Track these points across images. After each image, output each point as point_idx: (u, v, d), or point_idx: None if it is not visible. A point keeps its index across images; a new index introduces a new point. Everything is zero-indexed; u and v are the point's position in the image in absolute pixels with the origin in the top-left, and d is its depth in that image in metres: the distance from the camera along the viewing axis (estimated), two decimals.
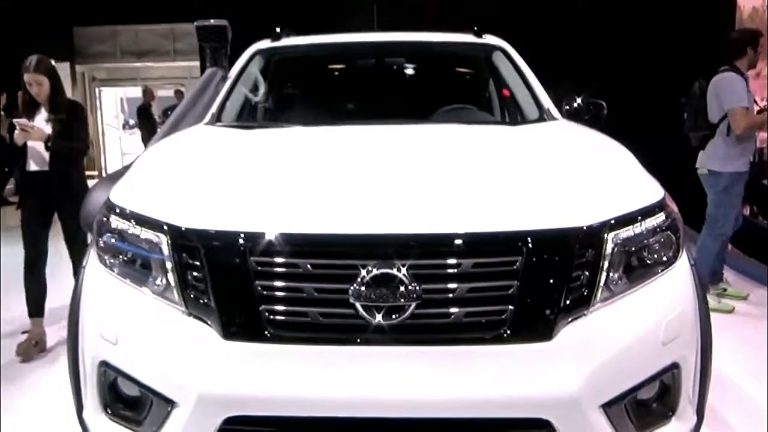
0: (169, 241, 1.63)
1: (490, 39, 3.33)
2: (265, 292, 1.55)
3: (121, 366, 1.66)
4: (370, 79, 3.29)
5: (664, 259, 1.75)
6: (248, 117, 2.97)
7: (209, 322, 1.57)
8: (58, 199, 3.57)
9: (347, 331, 1.54)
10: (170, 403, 1.57)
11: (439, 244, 1.56)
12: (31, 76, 3.44)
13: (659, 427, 1.71)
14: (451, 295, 1.55)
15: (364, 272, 1.52)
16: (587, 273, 1.60)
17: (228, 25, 3.15)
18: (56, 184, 3.53)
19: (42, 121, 3.55)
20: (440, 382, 1.50)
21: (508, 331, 1.53)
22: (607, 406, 1.57)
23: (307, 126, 2.60)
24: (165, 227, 1.65)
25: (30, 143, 3.50)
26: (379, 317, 1.51)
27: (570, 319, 1.57)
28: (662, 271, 1.74)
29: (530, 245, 1.55)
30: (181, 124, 2.78)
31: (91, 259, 1.83)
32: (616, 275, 1.66)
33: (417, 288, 1.52)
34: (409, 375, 1.51)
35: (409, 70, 3.45)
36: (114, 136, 15.25)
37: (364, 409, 1.51)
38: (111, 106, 15.78)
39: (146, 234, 1.68)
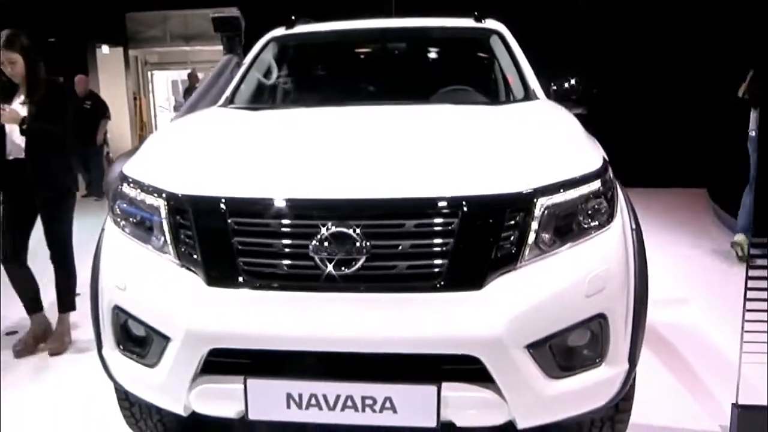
0: (166, 206, 1.96)
1: (489, 23, 3.55)
2: (241, 247, 1.87)
3: (129, 309, 2.01)
4: (375, 63, 3.57)
5: (596, 222, 1.98)
6: (261, 99, 3.28)
7: (196, 272, 1.89)
8: (36, 191, 3.31)
9: (308, 280, 1.84)
10: (166, 339, 1.91)
11: (386, 208, 1.84)
12: (3, 54, 3.17)
13: (588, 369, 1.95)
14: (395, 251, 1.82)
15: (323, 230, 1.81)
16: (517, 233, 1.85)
17: (240, 16, 3.47)
18: (33, 173, 3.26)
19: (18, 104, 3.30)
20: (385, 324, 1.78)
21: (444, 282, 1.80)
22: (531, 347, 1.82)
23: (308, 107, 2.91)
24: (163, 194, 1.98)
25: (7, 128, 3.25)
26: (331, 268, 1.81)
27: (499, 273, 1.82)
28: (594, 233, 1.96)
29: (465, 209, 1.81)
30: (199, 106, 3.12)
31: (108, 222, 2.18)
32: (546, 236, 1.90)
33: (366, 244, 1.80)
34: (359, 317, 1.80)
35: (412, 54, 3.70)
36: (166, 118, 15.96)
37: (321, 344, 1.81)
38: (163, 89, 16.47)
39: (149, 200, 2.01)
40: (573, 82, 3.36)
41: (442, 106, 2.86)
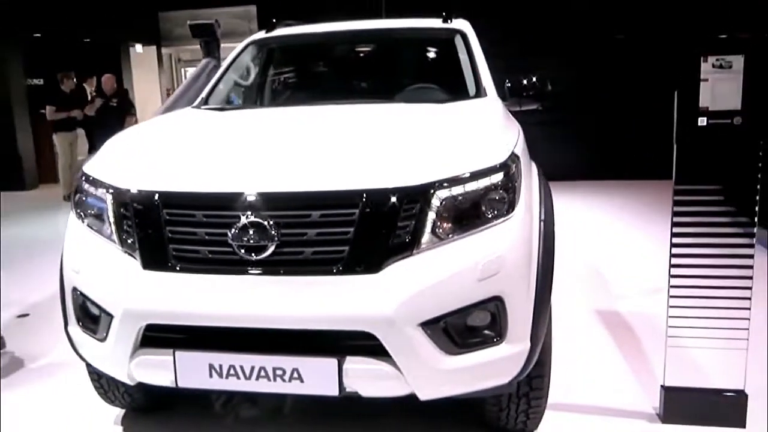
0: (112, 198, 2.23)
1: (456, 23, 3.72)
2: (171, 235, 2.12)
3: (83, 289, 2.29)
4: (344, 64, 3.80)
5: (495, 213, 2.16)
6: (233, 101, 3.55)
7: (135, 257, 2.16)
8: None
9: (227, 264, 2.08)
10: (110, 316, 2.18)
11: (294, 200, 2.06)
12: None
13: (487, 347, 2.14)
14: (303, 238, 2.05)
15: (240, 220, 2.05)
16: (414, 223, 2.04)
17: (216, 23, 3.73)
18: None
19: None
20: (292, 303, 2.01)
21: (345, 266, 2.02)
22: (425, 325, 2.02)
23: (273, 107, 3.16)
24: (110, 188, 2.25)
25: None
26: (246, 254, 2.04)
27: (396, 258, 2.03)
28: (493, 222, 2.15)
29: (363, 201, 2.02)
30: (175, 107, 3.40)
31: (71, 213, 2.47)
32: (445, 225, 2.09)
33: (277, 233, 2.03)
34: (270, 297, 2.03)
35: (380, 55, 3.91)
36: None
37: (237, 321, 2.05)
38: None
39: (100, 193, 2.29)
40: (533, 79, 3.49)
41: (385, 105, 3.06)
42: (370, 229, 2.03)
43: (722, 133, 2.56)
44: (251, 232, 2.04)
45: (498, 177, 2.18)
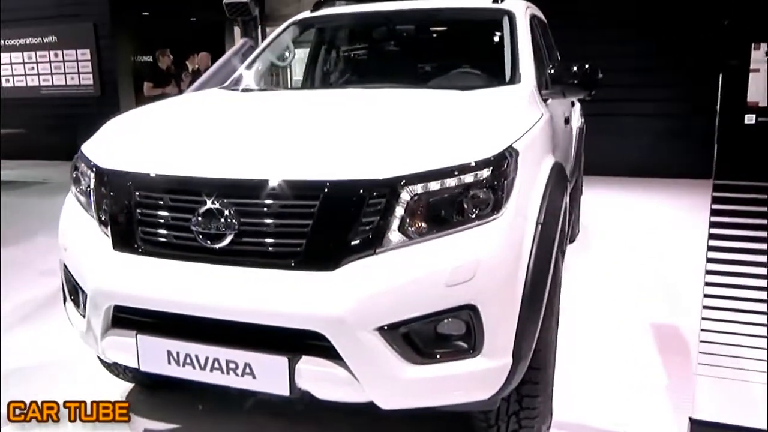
0: (94, 177, 2.23)
1: (507, 4, 3.45)
2: (141, 217, 2.09)
3: (68, 265, 2.32)
4: (384, 46, 3.63)
5: (477, 213, 1.95)
6: (268, 81, 3.49)
7: (108, 237, 2.15)
8: None
9: (188, 251, 2.02)
10: (84, 293, 2.19)
11: (255, 188, 1.96)
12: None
13: (459, 359, 1.95)
14: (262, 229, 1.95)
15: (202, 206, 1.98)
16: (379, 219, 1.88)
17: (251, 2, 3.68)
18: None
19: None
20: (244, 296, 1.92)
21: (301, 261, 1.90)
22: (382, 330, 1.86)
23: (300, 89, 3.07)
24: (93, 167, 2.25)
25: None
26: (205, 241, 1.97)
27: (357, 256, 1.88)
28: (473, 223, 1.94)
29: (324, 193, 1.89)
30: (204, 87, 3.39)
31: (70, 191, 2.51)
32: (417, 223, 1.91)
33: (236, 221, 1.94)
34: (224, 288, 1.95)
35: (421, 37, 3.70)
36: None
37: (193, 310, 1.99)
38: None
39: (87, 171, 2.30)
40: (585, 66, 3.15)
41: (402, 91, 2.87)
42: (330, 223, 1.89)
43: None
44: (211, 219, 1.96)
45: (483, 173, 1.96)
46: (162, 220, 2.06)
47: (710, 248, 2.32)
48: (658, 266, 4.87)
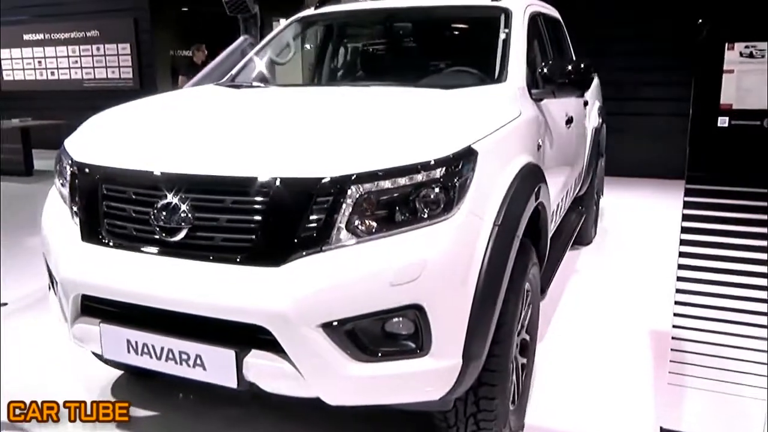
0: (70, 169, 2.32)
1: (504, 2, 3.40)
2: (107, 210, 2.16)
3: (45, 255, 2.41)
4: (379, 44, 3.63)
5: (428, 213, 1.95)
6: (264, 78, 3.52)
7: (78, 228, 2.23)
8: None
9: (148, 244, 2.07)
10: (56, 282, 2.28)
11: (209, 183, 2.00)
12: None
13: (406, 359, 1.96)
14: (214, 224, 1.99)
15: (160, 200, 2.03)
16: (325, 217, 1.90)
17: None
18: None
19: None
20: (195, 289, 1.96)
21: (249, 257, 1.93)
22: (327, 327, 1.88)
23: (290, 86, 3.10)
24: (69, 159, 2.33)
25: None
26: (162, 235, 2.02)
27: (304, 253, 1.90)
28: (423, 224, 1.94)
29: (273, 189, 1.91)
30: (201, 83, 3.46)
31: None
32: (365, 222, 1.92)
33: (191, 216, 1.99)
34: (177, 280, 2.00)
35: (417, 35, 3.68)
36: None
37: (149, 301, 2.04)
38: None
39: (65, 163, 2.38)
40: (581, 65, 3.08)
41: (377, 89, 2.88)
42: (277, 220, 1.92)
43: (748, 138, 2.10)
44: (168, 212, 2.01)
45: (434, 173, 1.96)
46: (125, 213, 2.13)
47: (681, 254, 2.25)
48: (672, 273, 4.73)
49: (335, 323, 1.89)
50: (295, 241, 1.90)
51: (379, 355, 1.95)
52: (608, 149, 6.08)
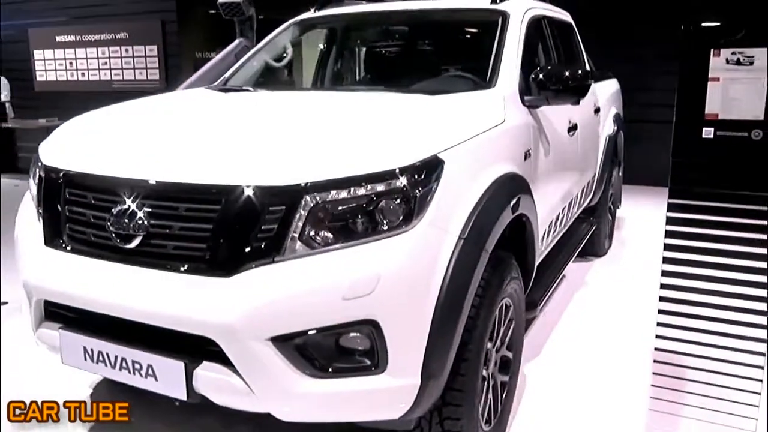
0: (38, 172, 2.30)
1: (505, 5, 3.30)
2: (68, 214, 2.13)
3: (17, 257, 2.40)
4: (375, 48, 3.56)
5: (386, 225, 1.87)
6: (257, 81, 3.48)
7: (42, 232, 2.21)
8: None
9: (105, 250, 2.04)
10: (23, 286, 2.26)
11: (163, 190, 1.95)
12: None
13: (362, 376, 1.88)
14: (167, 232, 1.94)
15: (117, 206, 1.99)
16: (278, 227, 1.83)
17: (244, 2, 3.68)
18: None
19: None
20: (146, 298, 1.92)
21: (200, 266, 1.88)
22: (276, 341, 1.81)
23: (276, 91, 3.06)
24: (39, 162, 2.32)
25: None
26: (117, 241, 1.98)
27: (255, 264, 1.83)
28: (381, 236, 1.86)
29: (225, 198, 1.86)
30: (194, 86, 3.43)
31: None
32: (320, 233, 1.85)
33: (146, 223, 1.94)
34: (131, 289, 1.95)
35: (414, 39, 3.60)
36: None
37: (103, 308, 2.01)
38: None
39: (36, 166, 2.37)
40: (578, 72, 2.95)
41: (361, 95, 2.83)
42: (229, 229, 1.86)
43: (735, 150, 1.97)
44: (124, 219, 1.97)
45: (395, 183, 1.88)
46: (84, 218, 2.10)
47: (664, 273, 2.13)
48: None
49: (286, 337, 1.82)
50: (247, 251, 1.84)
51: (333, 371, 1.88)
52: (630, 158, 5.90)
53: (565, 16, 4.39)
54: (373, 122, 2.20)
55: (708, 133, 1.98)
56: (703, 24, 1.95)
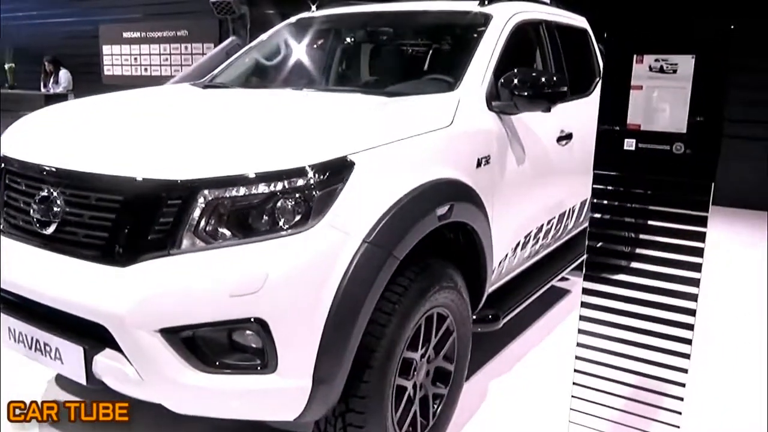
0: None
1: (490, 8, 3.22)
2: (6, 200, 2.23)
3: None
4: (357, 49, 3.55)
5: (282, 223, 1.86)
6: (244, 79, 3.53)
7: None
8: None
9: (30, 234, 2.12)
10: None
11: (74, 179, 2.02)
12: None
13: (250, 374, 1.88)
14: (78, 219, 2.00)
15: (40, 193, 2.08)
16: (175, 220, 1.86)
17: (234, 1, 3.73)
18: None
19: None
20: (54, 283, 1.99)
21: (100, 254, 1.93)
22: (165, 333, 1.83)
23: (252, 87, 3.11)
24: None
25: None
26: (37, 227, 2.07)
27: (151, 256, 1.86)
28: (275, 234, 1.85)
29: (127, 189, 1.90)
30: (182, 82, 3.52)
31: None
32: (215, 228, 1.86)
33: (61, 210, 2.02)
34: (43, 273, 2.03)
35: (394, 40, 3.57)
36: None
37: (23, 291, 2.09)
38: None
39: None
40: (553, 77, 2.83)
41: (312, 94, 2.87)
42: (128, 220, 1.91)
43: (657, 163, 1.85)
44: (44, 205, 2.06)
45: (294, 182, 1.87)
46: (16, 204, 2.19)
47: (584, 291, 2.02)
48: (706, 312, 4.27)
49: (174, 329, 1.84)
50: (144, 242, 1.88)
51: (220, 366, 1.88)
52: None
53: (578, 21, 4.24)
54: (293, 121, 2.20)
55: (630, 144, 1.87)
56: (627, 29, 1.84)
